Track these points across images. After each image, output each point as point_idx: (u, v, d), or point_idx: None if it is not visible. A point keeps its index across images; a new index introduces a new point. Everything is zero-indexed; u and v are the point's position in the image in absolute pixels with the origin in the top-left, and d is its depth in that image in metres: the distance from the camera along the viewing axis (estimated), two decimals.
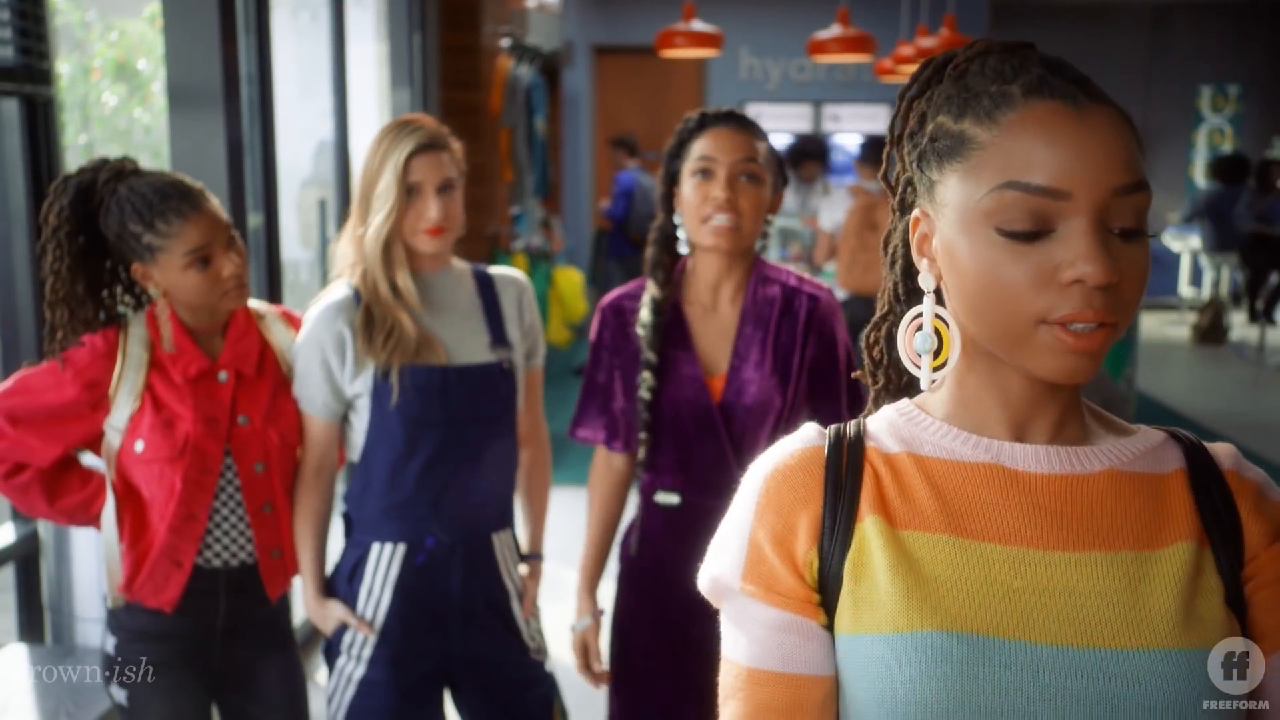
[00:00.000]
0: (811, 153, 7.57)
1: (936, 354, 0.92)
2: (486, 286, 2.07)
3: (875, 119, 10.07)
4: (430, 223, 1.94)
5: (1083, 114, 0.82)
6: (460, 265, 2.08)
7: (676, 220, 1.99)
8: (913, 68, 7.20)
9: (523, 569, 2.13)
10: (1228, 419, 6.81)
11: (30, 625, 2.73)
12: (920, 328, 0.92)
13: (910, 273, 0.98)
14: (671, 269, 2.04)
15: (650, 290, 2.02)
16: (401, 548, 1.98)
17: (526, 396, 2.13)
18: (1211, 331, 9.75)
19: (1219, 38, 12.51)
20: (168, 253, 1.86)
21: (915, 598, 0.86)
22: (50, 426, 1.89)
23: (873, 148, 6.05)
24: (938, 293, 0.92)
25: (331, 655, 2.03)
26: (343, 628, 2.00)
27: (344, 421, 2.02)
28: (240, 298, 1.92)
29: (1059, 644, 0.84)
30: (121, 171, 1.90)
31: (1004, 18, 11.45)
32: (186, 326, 1.93)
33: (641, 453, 2.01)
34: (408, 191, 1.93)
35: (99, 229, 1.89)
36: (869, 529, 0.89)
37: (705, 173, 1.92)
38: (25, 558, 2.71)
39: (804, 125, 10.01)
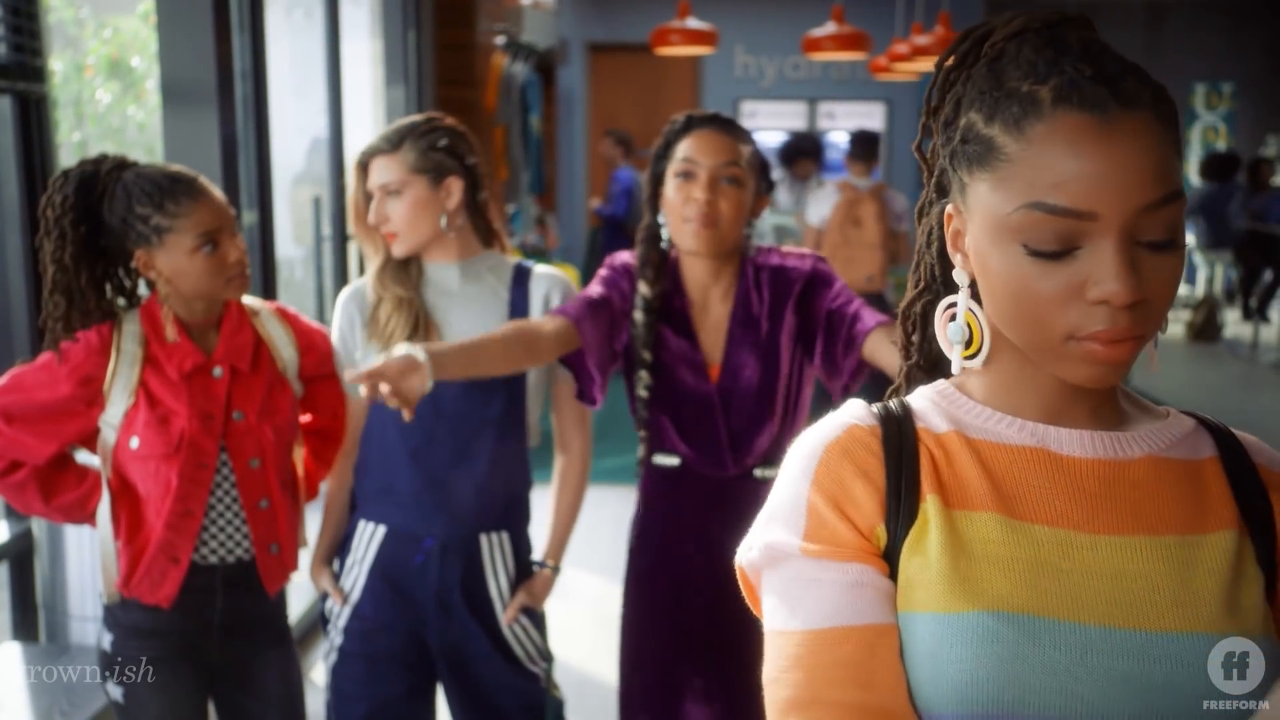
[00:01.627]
0: (806, 150, 7.57)
1: (969, 344, 0.94)
2: (520, 283, 2.07)
3: (870, 116, 10.07)
4: (381, 226, 2.02)
5: (1112, 126, 0.80)
6: (500, 258, 2.10)
7: (661, 220, 2.02)
8: (907, 65, 7.14)
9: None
10: (1221, 416, 6.83)
11: (24, 624, 2.72)
12: (954, 317, 0.94)
13: (946, 257, 0.98)
14: (660, 267, 2.07)
15: (641, 290, 2.04)
16: (381, 529, 2.04)
17: (564, 403, 2.12)
18: (1205, 329, 9.76)
19: (1213, 35, 12.53)
20: (178, 234, 1.86)
21: (968, 578, 0.86)
22: (45, 424, 1.89)
23: (862, 143, 5.99)
24: (973, 285, 0.92)
25: (325, 622, 2.13)
26: (327, 595, 2.11)
27: None
28: (242, 286, 1.93)
29: (1107, 625, 0.84)
30: (124, 164, 1.91)
31: (999, 14, 11.46)
32: (182, 321, 1.93)
33: (640, 450, 2.08)
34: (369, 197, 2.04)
35: (101, 219, 1.89)
36: (930, 508, 0.89)
37: (687, 175, 1.96)
38: (19, 556, 2.71)
39: (799, 123, 10.01)
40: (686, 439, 2.05)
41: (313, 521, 2.14)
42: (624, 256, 2.11)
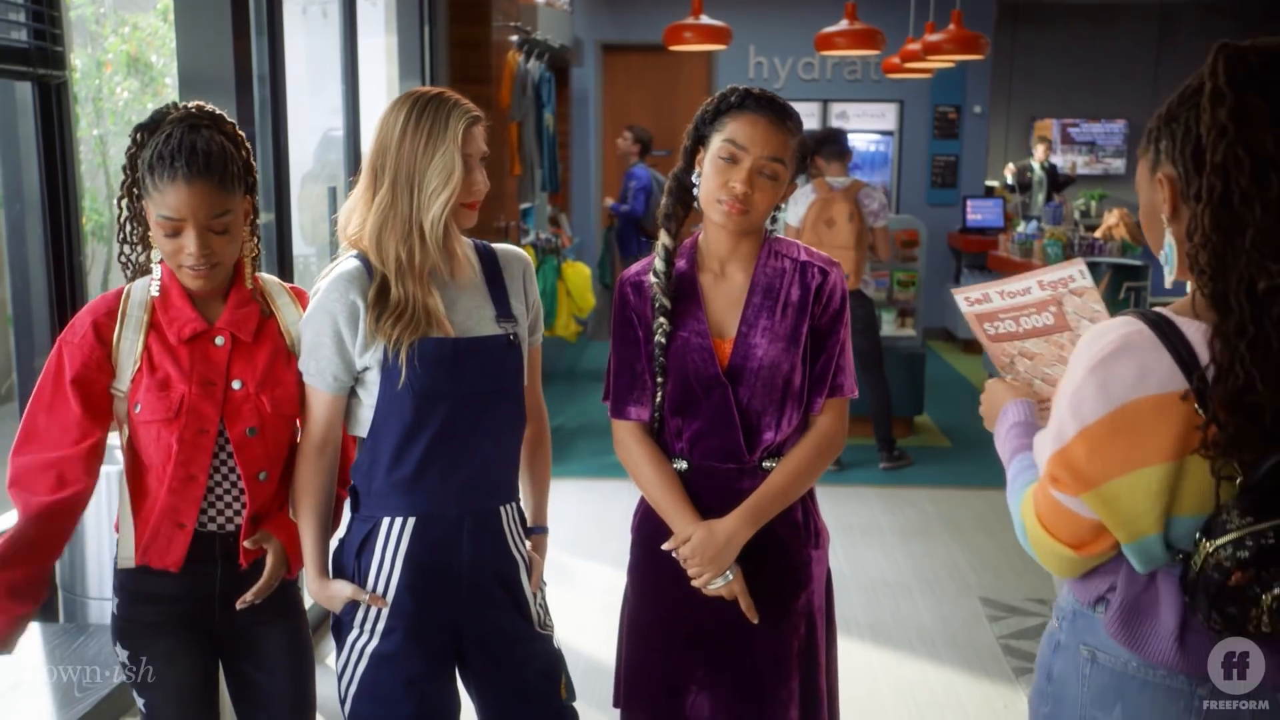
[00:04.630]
0: (816, 153, 7.57)
1: None
2: (490, 261, 2.06)
3: (883, 117, 10.08)
4: (478, 195, 1.96)
5: None
6: (465, 239, 2.08)
7: (695, 179, 2.04)
8: (921, 65, 7.13)
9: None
10: None
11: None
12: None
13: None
14: (684, 220, 2.08)
15: (662, 239, 2.06)
16: (411, 521, 1.96)
17: (529, 372, 2.12)
18: None
19: (1225, 37, 12.35)
20: (151, 203, 1.87)
21: None
22: (88, 406, 1.92)
23: (833, 142, 5.94)
24: None
25: (341, 631, 2.02)
26: (353, 603, 1.98)
27: (350, 395, 2.00)
28: (197, 280, 1.90)
29: None
30: (190, 119, 1.89)
31: (1011, 17, 11.45)
32: (186, 289, 1.95)
33: (658, 396, 2.05)
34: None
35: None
36: None
37: (731, 157, 1.97)
38: None
39: (811, 123, 10.01)
40: (694, 426, 2.03)
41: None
42: (630, 273, 2.11)
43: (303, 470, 2.00)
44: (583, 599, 4.01)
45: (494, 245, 2.11)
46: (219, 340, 1.95)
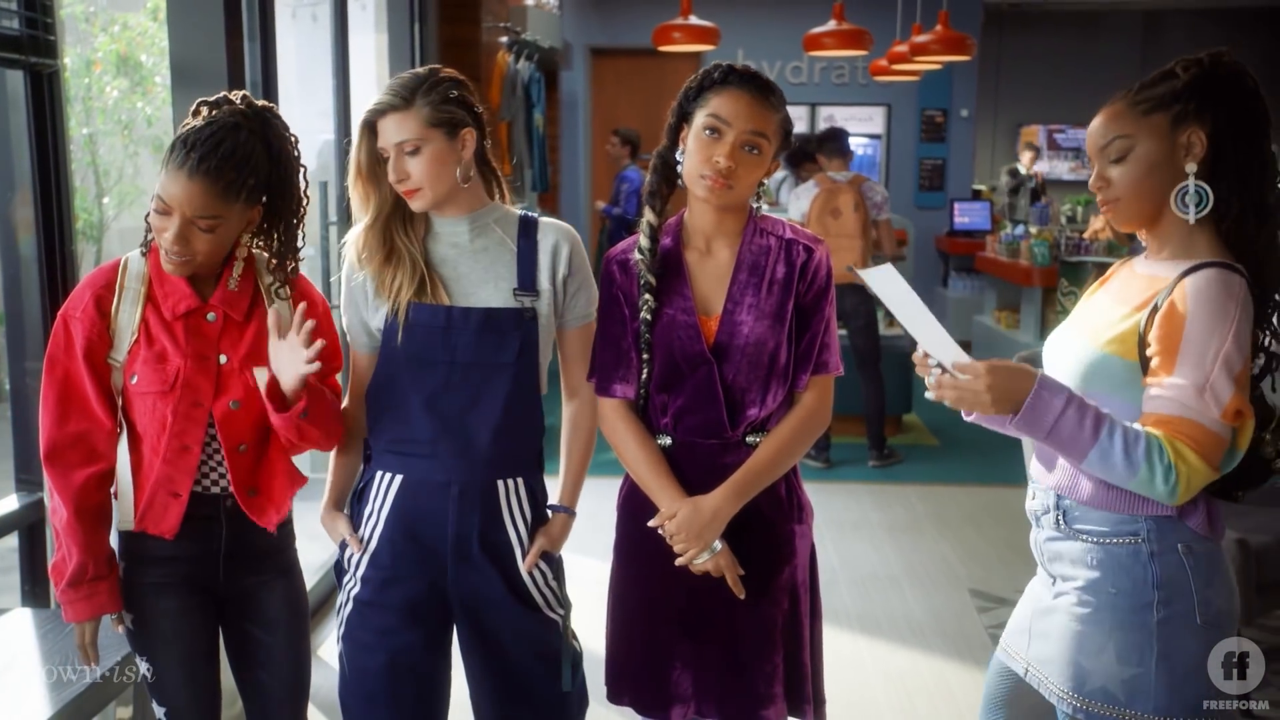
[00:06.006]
0: (810, 153, 7.61)
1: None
2: (527, 233, 2.08)
3: (870, 120, 10.13)
4: (400, 187, 1.99)
5: None
6: (506, 209, 2.11)
7: (679, 156, 2.05)
8: (908, 66, 7.18)
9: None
10: None
11: (34, 590, 2.76)
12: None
13: None
14: (668, 198, 2.09)
15: (647, 216, 2.06)
16: (399, 479, 2.03)
17: (571, 351, 2.14)
18: None
19: (1211, 45, 12.44)
20: (160, 175, 1.93)
21: None
22: (98, 378, 1.96)
23: (835, 139, 6.02)
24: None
25: (340, 574, 2.11)
26: (348, 545, 2.08)
27: None
28: (167, 263, 1.94)
29: None
30: (241, 123, 1.93)
31: (997, 23, 11.52)
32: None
33: (644, 373, 2.06)
34: (378, 157, 1.99)
35: None
36: None
37: (714, 131, 1.98)
38: (30, 525, 2.75)
39: (800, 127, 10.06)
40: (678, 402, 2.04)
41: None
42: (615, 252, 2.12)
43: (345, 420, 2.13)
44: (575, 593, 4.01)
45: (541, 218, 2.12)
46: (211, 316, 1.99)
